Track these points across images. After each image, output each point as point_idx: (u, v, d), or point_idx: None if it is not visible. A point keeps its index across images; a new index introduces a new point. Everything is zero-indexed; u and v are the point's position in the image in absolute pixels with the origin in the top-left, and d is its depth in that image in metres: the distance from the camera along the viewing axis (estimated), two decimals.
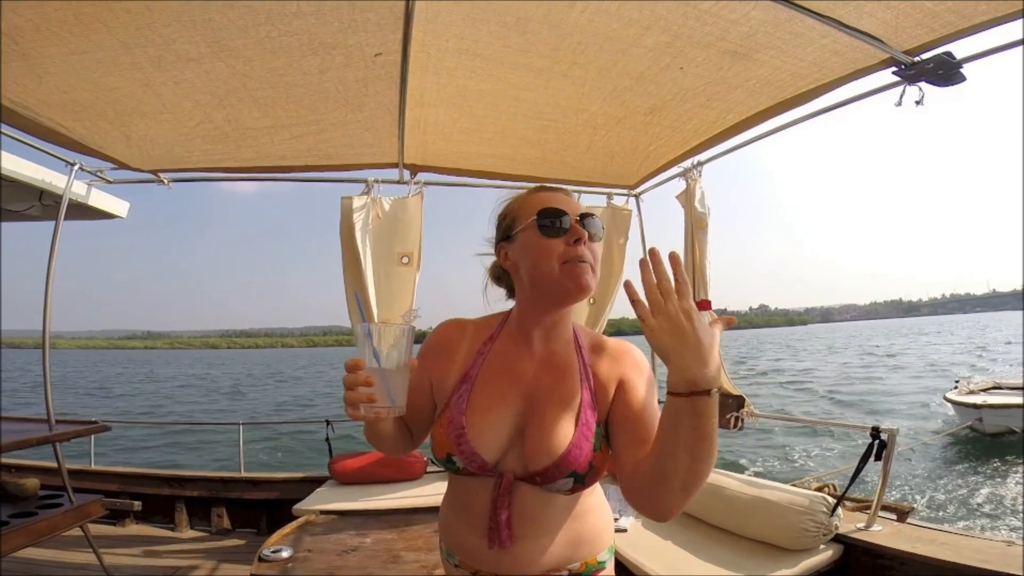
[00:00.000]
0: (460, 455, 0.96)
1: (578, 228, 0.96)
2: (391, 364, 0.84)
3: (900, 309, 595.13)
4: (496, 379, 1.01)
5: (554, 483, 0.94)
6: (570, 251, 0.95)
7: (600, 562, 1.03)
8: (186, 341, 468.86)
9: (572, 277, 0.94)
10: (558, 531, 0.99)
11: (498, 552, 0.97)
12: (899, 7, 1.48)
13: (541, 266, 0.96)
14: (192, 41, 1.70)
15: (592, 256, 0.97)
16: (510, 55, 1.89)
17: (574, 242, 0.95)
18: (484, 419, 0.97)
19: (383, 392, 0.83)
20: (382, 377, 0.83)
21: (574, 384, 0.99)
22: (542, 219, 0.96)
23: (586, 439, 0.94)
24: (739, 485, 2.55)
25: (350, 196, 3.03)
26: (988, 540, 2.20)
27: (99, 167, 2.82)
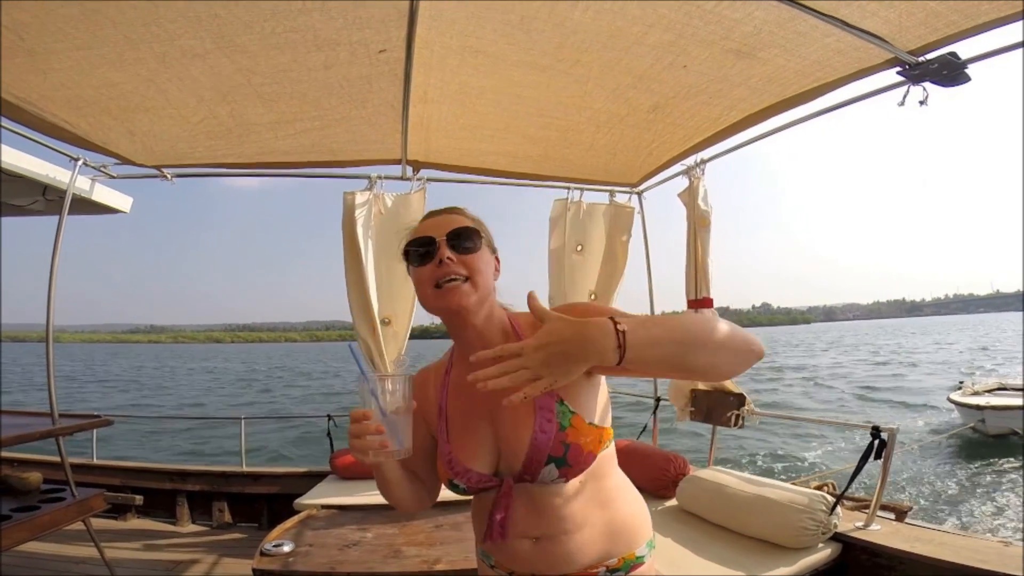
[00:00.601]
0: (457, 477, 1.01)
1: (443, 248, 0.98)
2: (395, 409, 0.92)
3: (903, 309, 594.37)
4: (461, 402, 1.06)
5: (540, 474, 0.95)
6: (436, 273, 0.98)
7: (639, 557, 1.02)
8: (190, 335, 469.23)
9: (441, 298, 0.97)
10: (587, 524, 0.98)
11: (533, 551, 0.99)
12: (903, 7, 1.48)
13: (421, 294, 1.02)
14: (197, 37, 1.71)
15: (468, 268, 0.98)
16: (513, 52, 1.89)
17: (439, 263, 0.97)
18: (464, 439, 1.03)
19: (391, 436, 0.91)
20: (388, 423, 0.91)
21: None
22: (407, 251, 1.02)
23: (547, 421, 0.95)
24: (739, 483, 2.55)
25: (352, 192, 3.03)
26: (985, 540, 2.20)
27: (103, 162, 2.83)
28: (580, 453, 0.95)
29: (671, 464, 2.91)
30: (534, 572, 1.00)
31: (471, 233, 1.01)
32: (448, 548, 2.36)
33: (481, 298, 1.00)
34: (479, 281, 0.99)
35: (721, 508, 2.52)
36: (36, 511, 2.42)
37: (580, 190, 3.46)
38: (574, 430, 0.95)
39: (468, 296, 0.98)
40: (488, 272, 1.02)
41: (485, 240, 1.05)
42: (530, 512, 0.99)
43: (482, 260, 1.01)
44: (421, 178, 3.14)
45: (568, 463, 0.94)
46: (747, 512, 2.41)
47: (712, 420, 3.09)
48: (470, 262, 0.99)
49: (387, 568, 2.19)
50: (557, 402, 0.96)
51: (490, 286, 1.03)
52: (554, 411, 0.95)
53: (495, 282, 1.07)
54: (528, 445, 0.95)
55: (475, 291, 0.99)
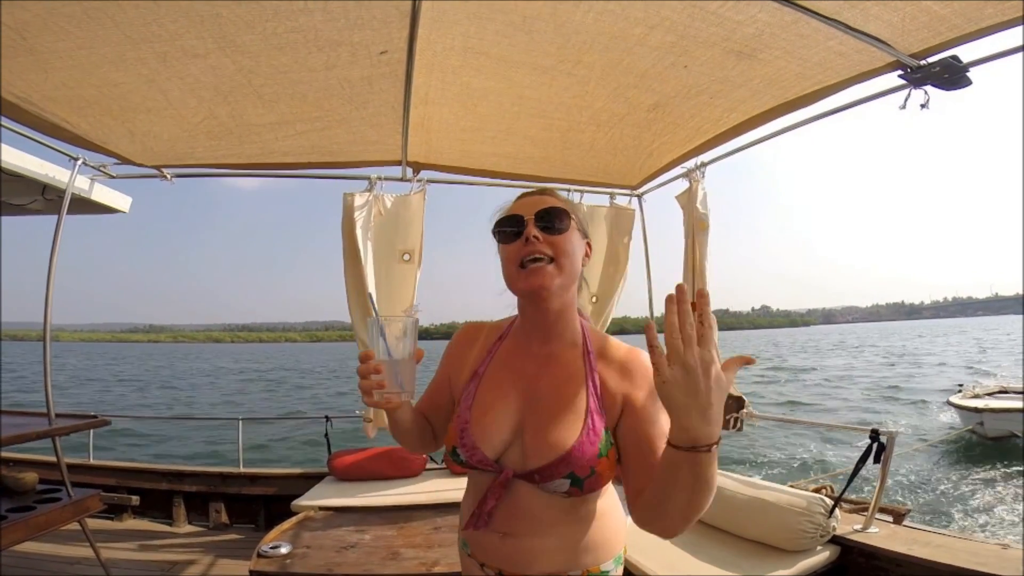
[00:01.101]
0: (463, 448, 1.00)
1: (530, 227, 0.98)
2: (399, 354, 0.93)
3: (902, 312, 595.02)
4: (501, 377, 1.05)
5: (551, 482, 0.94)
6: (522, 251, 0.98)
7: (603, 572, 1.01)
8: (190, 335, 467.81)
9: (524, 278, 0.98)
10: (557, 534, 0.98)
11: (499, 545, 0.99)
12: (905, 10, 1.48)
13: (506, 272, 1.02)
14: (199, 37, 1.70)
15: (554, 249, 0.98)
16: (515, 53, 1.89)
17: (526, 242, 0.98)
18: (486, 415, 1.01)
19: (392, 379, 0.93)
20: (391, 365, 0.92)
21: (579, 387, 0.99)
22: (498, 228, 1.03)
23: (591, 443, 0.93)
24: (737, 486, 2.55)
25: (352, 193, 3.03)
26: (983, 543, 2.20)
27: (102, 162, 2.82)
28: (598, 482, 0.94)
29: None
30: (500, 567, 1.00)
31: (560, 213, 1.00)
32: (446, 550, 2.35)
33: (565, 282, 0.99)
34: (564, 263, 0.98)
35: (719, 510, 2.52)
36: (32, 511, 2.41)
37: (580, 192, 3.46)
38: (607, 461, 0.94)
39: (552, 278, 0.97)
40: (576, 255, 1.01)
41: (575, 222, 1.03)
42: (509, 509, 0.99)
43: (570, 242, 1.00)
44: (421, 179, 3.14)
45: (583, 486, 0.93)
46: (745, 515, 2.41)
47: None
48: (557, 243, 0.98)
49: (385, 570, 2.19)
50: (606, 430, 0.96)
51: (577, 270, 1.02)
52: (600, 436, 0.94)
53: (586, 264, 1.07)
54: (561, 453, 0.93)
55: (559, 273, 0.98)
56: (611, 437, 0.96)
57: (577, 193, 3.45)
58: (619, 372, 1.00)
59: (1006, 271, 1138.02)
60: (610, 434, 0.96)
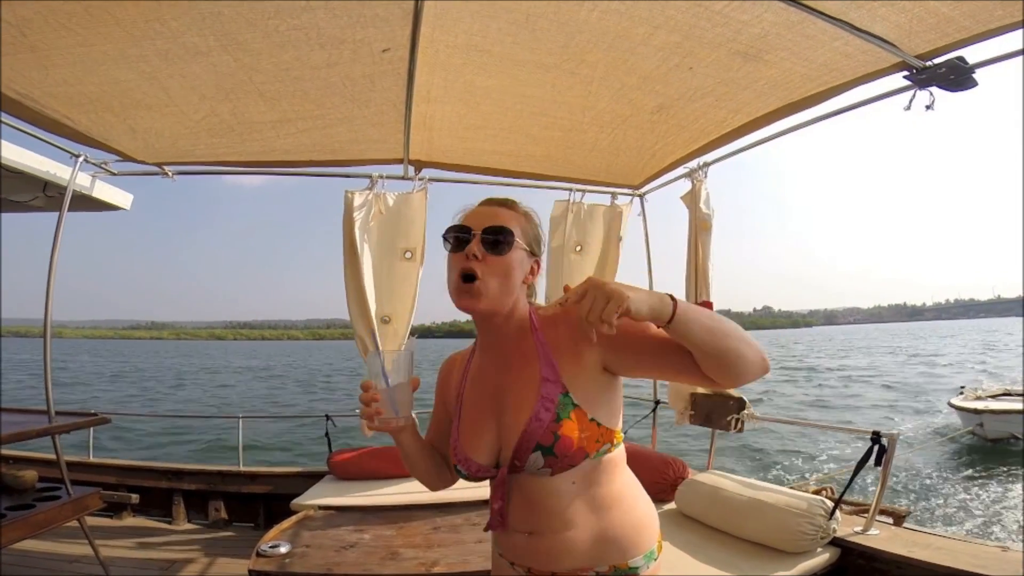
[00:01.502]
0: (460, 463, 1.05)
1: (474, 243, 0.99)
2: (394, 382, 1.01)
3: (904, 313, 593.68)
4: (475, 391, 1.10)
5: (527, 463, 0.95)
6: (462, 264, 1.00)
7: (632, 567, 0.99)
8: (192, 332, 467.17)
9: (457, 295, 1.00)
10: (578, 526, 0.98)
11: (526, 544, 1.02)
12: (912, 11, 1.47)
13: (448, 279, 1.04)
14: (200, 34, 1.69)
15: (491, 269, 0.99)
16: (518, 52, 1.88)
17: (466, 256, 0.99)
18: (470, 428, 1.06)
19: (389, 406, 1.00)
20: (388, 394, 1.00)
21: (531, 365, 1.01)
22: (447, 234, 1.04)
23: (545, 409, 0.95)
24: (737, 487, 2.55)
25: (353, 191, 3.02)
26: (983, 545, 2.20)
27: (103, 159, 2.82)
28: (570, 446, 0.94)
29: (670, 468, 2.90)
30: (529, 565, 1.02)
31: (506, 234, 1.01)
32: (446, 551, 2.35)
33: (495, 302, 1.00)
34: (492, 285, 0.99)
35: (720, 512, 2.51)
36: (31, 510, 2.41)
37: (582, 191, 3.45)
38: (571, 423, 0.94)
39: (479, 300, 0.99)
40: (512, 277, 1.02)
41: (523, 242, 1.04)
42: (523, 506, 1.01)
43: (508, 263, 1.01)
44: (423, 178, 3.13)
45: (555, 453, 0.94)
46: (746, 516, 2.40)
47: (712, 424, 3.09)
48: (495, 263, 0.99)
49: (384, 570, 2.18)
50: (561, 393, 0.96)
51: (512, 289, 1.02)
52: (555, 401, 0.95)
53: (531, 284, 1.09)
54: (520, 431, 0.96)
55: (486, 294, 0.99)
56: (571, 398, 0.96)
57: (579, 192, 3.45)
58: (568, 328, 1.01)
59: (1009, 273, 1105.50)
60: (570, 396, 0.96)
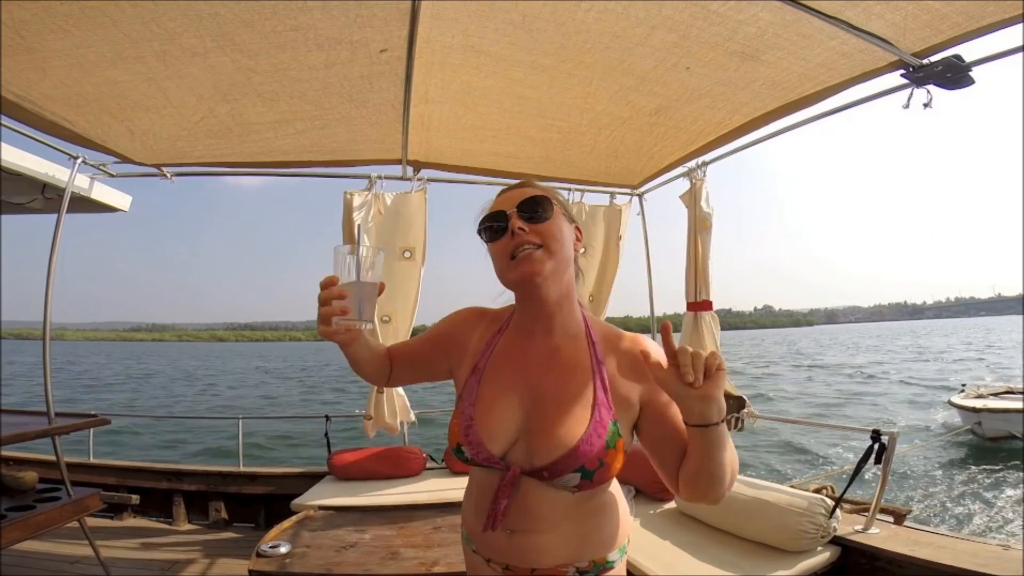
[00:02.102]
0: (468, 445, 0.99)
1: (514, 220, 0.97)
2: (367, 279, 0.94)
3: (904, 312, 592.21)
4: (502, 371, 1.04)
5: (561, 477, 0.93)
6: (510, 245, 0.97)
7: (609, 561, 1.01)
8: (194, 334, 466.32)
9: (514, 267, 0.97)
10: (564, 528, 0.98)
11: (506, 542, 0.99)
12: (908, 9, 1.47)
13: (498, 268, 1.01)
14: (197, 35, 1.70)
15: (542, 236, 0.97)
16: (516, 52, 1.88)
17: (512, 235, 0.97)
18: (491, 411, 1.00)
19: (355, 306, 0.92)
20: (357, 290, 0.92)
21: (585, 380, 0.98)
22: (482, 228, 1.02)
23: (598, 436, 0.93)
24: (738, 486, 2.54)
25: (352, 191, 3.02)
26: (984, 543, 2.20)
27: (102, 161, 2.82)
28: (606, 474, 0.94)
29: None
30: (507, 562, 1.00)
31: (541, 201, 0.99)
32: (446, 550, 2.35)
33: (558, 267, 0.98)
34: (554, 248, 0.97)
35: (720, 511, 2.51)
36: (31, 511, 2.41)
37: (581, 191, 3.45)
38: (615, 453, 0.94)
39: (542, 263, 0.96)
40: (565, 240, 1.00)
41: (559, 208, 1.02)
42: (513, 506, 0.98)
43: (557, 227, 0.99)
44: (421, 178, 3.13)
45: (593, 479, 0.93)
46: (746, 515, 2.40)
47: None
48: (544, 230, 0.97)
49: (384, 570, 2.18)
50: (612, 422, 0.95)
51: (569, 255, 1.01)
52: (607, 428, 0.94)
53: (578, 249, 1.06)
54: (569, 448, 0.93)
55: (550, 257, 0.96)
56: (618, 428, 0.95)
57: (578, 192, 3.45)
58: (629, 363, 1.00)
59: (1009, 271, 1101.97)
60: (617, 425, 0.95)
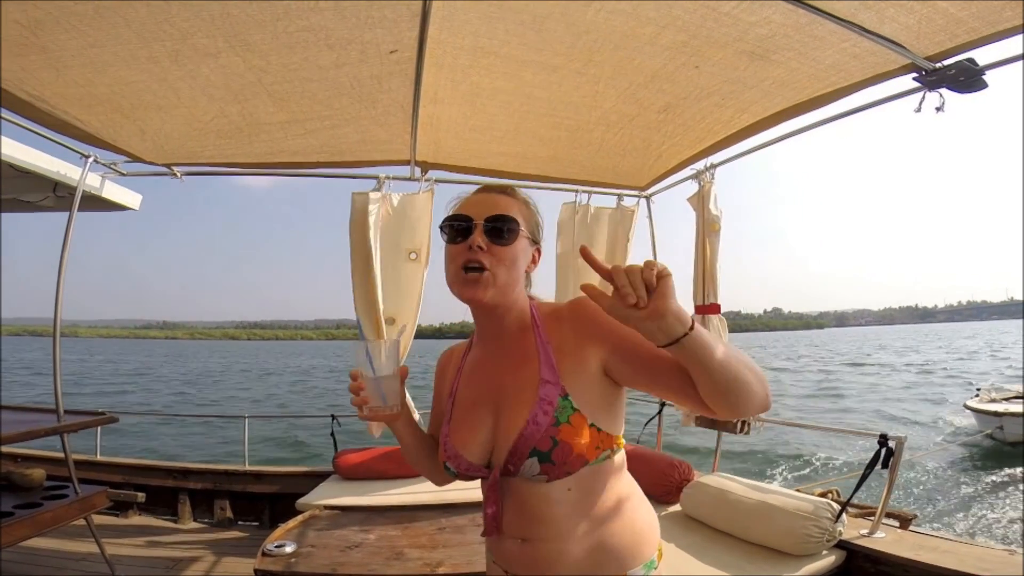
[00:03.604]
0: (448, 460, 1.01)
1: (476, 234, 0.95)
2: (381, 372, 1.00)
3: (915, 315, 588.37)
4: (470, 386, 1.06)
5: (521, 467, 0.91)
6: (464, 255, 0.95)
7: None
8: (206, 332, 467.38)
9: (460, 286, 0.96)
10: (575, 537, 0.94)
11: (519, 552, 0.97)
12: (922, 12, 1.46)
13: (447, 271, 0.99)
14: (210, 35, 1.70)
15: (496, 259, 0.95)
16: (525, 52, 1.88)
17: (469, 248, 0.95)
18: (462, 424, 1.02)
19: (376, 394, 1.00)
20: (375, 383, 1.00)
21: (530, 364, 0.96)
22: (444, 225, 0.99)
23: (544, 413, 0.90)
24: (743, 489, 2.54)
25: (361, 192, 3.03)
26: (990, 549, 2.19)
27: (113, 160, 2.84)
28: (568, 453, 0.89)
29: (675, 470, 2.89)
30: (522, 574, 0.98)
31: (509, 222, 0.97)
32: (451, 551, 2.35)
33: (501, 292, 0.97)
34: (500, 275, 0.95)
35: (725, 514, 2.51)
36: (39, 508, 2.42)
37: (588, 193, 3.45)
38: (570, 428, 0.90)
39: (485, 290, 0.95)
40: (517, 266, 0.98)
41: (526, 230, 1.00)
42: (517, 511, 0.97)
43: (514, 252, 0.97)
44: (429, 179, 3.14)
45: (552, 460, 0.89)
46: (752, 519, 2.39)
47: (718, 426, 3.08)
48: (501, 253, 0.95)
49: (389, 571, 2.18)
50: (561, 396, 0.91)
51: (515, 281, 0.99)
52: (555, 404, 0.91)
53: (531, 273, 1.05)
54: (517, 434, 0.91)
55: (494, 285, 0.95)
56: (571, 402, 0.91)
57: (584, 194, 3.44)
58: (572, 327, 0.96)
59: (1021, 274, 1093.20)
60: (569, 399, 0.91)
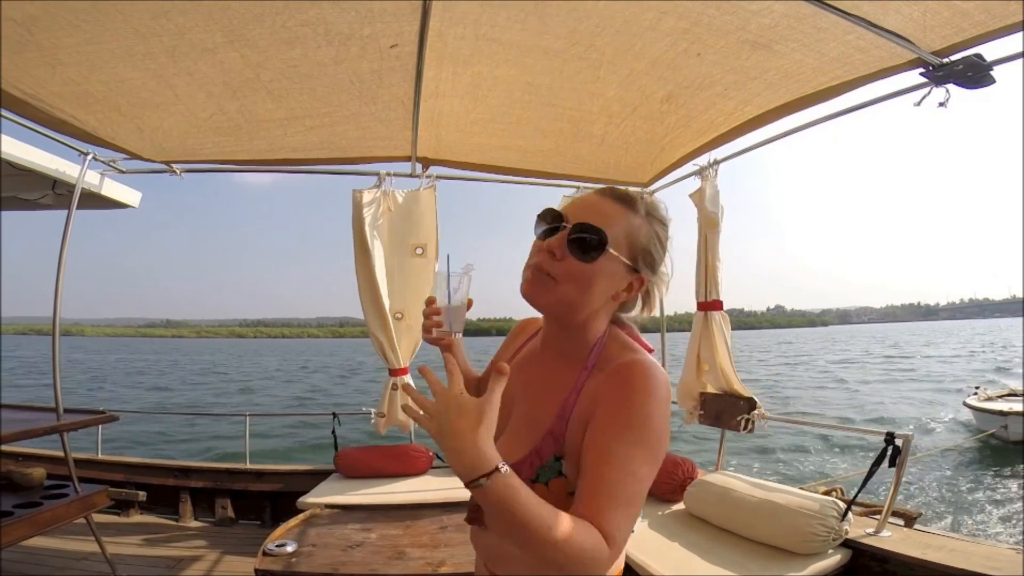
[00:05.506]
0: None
1: (560, 239, 0.86)
2: (455, 302, 1.08)
3: (918, 313, 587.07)
4: (511, 381, 0.98)
5: None
6: (537, 255, 0.89)
7: None
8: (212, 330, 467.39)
9: (523, 279, 0.91)
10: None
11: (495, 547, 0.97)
12: (928, 5, 1.44)
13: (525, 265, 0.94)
14: (207, 30, 1.68)
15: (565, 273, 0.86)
16: (527, 37, 1.84)
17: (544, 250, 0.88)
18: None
19: (447, 321, 1.09)
20: (447, 311, 1.09)
21: (551, 407, 0.89)
22: (539, 216, 0.93)
23: (529, 467, 0.86)
24: (748, 488, 2.53)
25: (361, 189, 3.02)
26: (997, 548, 2.18)
27: (112, 157, 2.83)
28: None
29: (679, 468, 2.88)
30: (494, 571, 0.98)
31: (599, 236, 0.85)
32: (452, 550, 2.34)
33: (561, 306, 0.88)
34: (568, 292, 0.86)
35: (729, 513, 2.50)
36: (39, 508, 2.41)
37: (591, 188, 3.43)
38: (544, 490, 0.84)
39: (546, 294, 0.88)
40: (593, 289, 0.87)
41: (624, 253, 0.88)
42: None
43: (592, 272, 0.86)
44: (431, 175, 3.12)
45: None
46: (756, 517, 2.38)
47: (722, 424, 3.06)
48: (576, 269, 0.85)
49: (391, 570, 2.18)
50: (554, 457, 0.86)
51: (587, 302, 0.88)
52: (544, 461, 0.86)
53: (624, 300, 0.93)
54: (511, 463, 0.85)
55: (553, 293, 0.87)
56: (562, 467, 0.85)
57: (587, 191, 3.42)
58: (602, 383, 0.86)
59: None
60: (561, 463, 0.85)
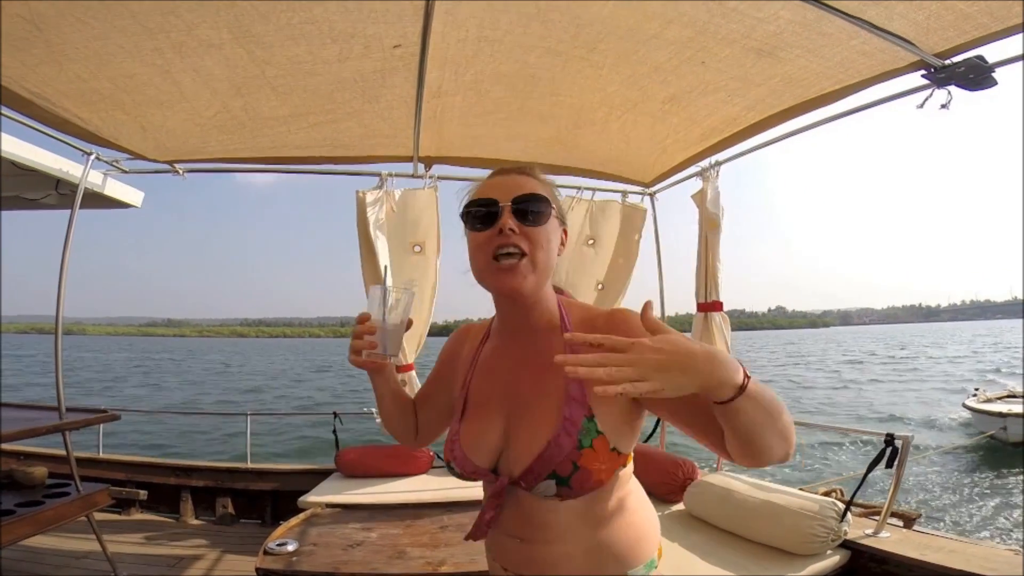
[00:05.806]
0: (454, 461, 0.96)
1: (506, 216, 0.88)
2: (391, 321, 1.00)
3: (919, 314, 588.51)
4: (484, 381, 1.00)
5: (536, 486, 0.87)
6: (495, 242, 0.88)
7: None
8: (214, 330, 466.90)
9: (496, 275, 0.89)
10: (575, 539, 0.90)
11: (518, 551, 0.95)
12: (931, 8, 1.45)
13: (476, 262, 0.92)
14: (215, 26, 1.69)
15: (531, 242, 0.88)
16: (529, 39, 1.85)
17: (499, 232, 0.88)
18: (474, 424, 0.96)
19: (381, 342, 0.99)
20: (382, 331, 0.99)
21: (555, 373, 0.85)
22: (468, 211, 0.92)
23: (567, 435, 0.84)
24: (748, 488, 2.53)
25: (364, 190, 3.03)
26: (996, 549, 2.19)
27: (115, 157, 2.83)
28: (588, 479, 0.85)
29: (679, 468, 2.88)
30: (520, 572, 0.95)
31: (540, 201, 0.90)
32: (453, 550, 2.34)
33: (539, 280, 0.90)
34: (540, 259, 0.89)
35: (729, 514, 2.50)
36: (40, 506, 2.41)
37: (592, 190, 3.45)
38: (592, 453, 0.84)
39: (525, 278, 0.88)
40: (552, 249, 0.92)
41: (556, 210, 0.93)
42: (516, 514, 0.93)
43: (547, 234, 0.90)
44: (432, 175, 3.12)
45: (570, 485, 0.84)
46: (756, 518, 2.39)
47: None
48: (534, 235, 0.88)
49: (391, 569, 2.17)
50: (586, 418, 0.85)
51: (552, 263, 0.92)
52: (579, 426, 0.85)
53: (561, 254, 0.96)
54: (536, 454, 0.86)
55: (533, 271, 0.89)
56: (596, 424, 0.85)
57: (589, 191, 3.44)
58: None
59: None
60: (595, 421, 0.85)
